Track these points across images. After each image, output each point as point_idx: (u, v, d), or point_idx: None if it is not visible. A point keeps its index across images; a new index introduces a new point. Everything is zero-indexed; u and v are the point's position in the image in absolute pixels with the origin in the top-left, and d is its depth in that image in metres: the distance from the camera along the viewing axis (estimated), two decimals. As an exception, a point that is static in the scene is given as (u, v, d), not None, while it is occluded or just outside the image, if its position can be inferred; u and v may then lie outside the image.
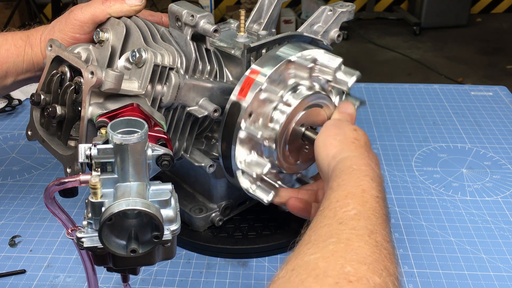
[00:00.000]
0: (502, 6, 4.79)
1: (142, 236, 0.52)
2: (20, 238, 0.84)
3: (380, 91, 1.35)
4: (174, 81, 0.66)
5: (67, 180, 0.52)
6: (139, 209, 0.48)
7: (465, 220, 0.88)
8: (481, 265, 0.78)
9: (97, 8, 0.68)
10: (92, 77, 0.58)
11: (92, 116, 0.60)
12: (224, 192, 0.82)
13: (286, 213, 0.83)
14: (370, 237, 0.50)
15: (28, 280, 0.76)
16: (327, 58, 0.71)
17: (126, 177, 0.51)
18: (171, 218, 0.52)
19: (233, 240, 0.81)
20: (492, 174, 1.01)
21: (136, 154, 0.50)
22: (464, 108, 1.26)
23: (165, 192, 0.52)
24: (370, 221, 0.52)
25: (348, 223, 0.52)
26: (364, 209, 0.54)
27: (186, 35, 0.68)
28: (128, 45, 0.67)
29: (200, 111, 0.69)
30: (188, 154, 0.75)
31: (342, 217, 0.53)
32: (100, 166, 0.52)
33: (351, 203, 0.54)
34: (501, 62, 3.75)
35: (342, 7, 0.80)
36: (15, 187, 0.97)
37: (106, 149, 0.51)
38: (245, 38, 0.79)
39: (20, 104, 1.25)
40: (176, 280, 0.76)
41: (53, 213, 0.55)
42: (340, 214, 0.53)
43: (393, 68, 3.71)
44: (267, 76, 0.68)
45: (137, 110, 0.60)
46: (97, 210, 0.50)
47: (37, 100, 0.66)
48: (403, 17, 4.47)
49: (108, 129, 0.51)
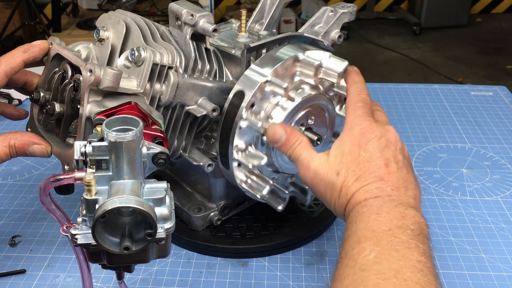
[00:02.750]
0: (502, 6, 4.79)
1: (135, 234, 0.52)
2: (20, 238, 0.84)
3: (380, 91, 1.35)
4: (173, 80, 0.66)
5: (62, 177, 0.52)
6: (133, 206, 0.48)
7: (465, 220, 0.88)
8: (481, 265, 0.78)
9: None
10: (90, 75, 0.58)
11: (90, 114, 0.60)
12: (223, 192, 0.82)
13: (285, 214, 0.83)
14: (397, 277, 0.47)
15: (28, 280, 0.76)
16: (332, 62, 0.71)
17: (121, 174, 0.51)
18: (166, 216, 0.52)
19: (231, 240, 0.81)
20: (492, 174, 1.00)
21: (131, 152, 0.50)
22: (464, 108, 1.26)
23: (159, 190, 0.52)
24: (392, 259, 0.49)
25: (371, 268, 0.49)
26: (382, 248, 0.50)
27: (186, 34, 0.68)
28: (128, 44, 0.67)
29: (198, 110, 0.69)
30: (187, 153, 0.75)
31: (363, 263, 0.50)
32: (95, 163, 0.52)
33: (367, 246, 0.51)
34: (501, 62, 3.75)
35: (344, 8, 0.80)
36: (15, 187, 0.97)
37: (100, 146, 0.51)
38: (246, 38, 0.79)
39: (20, 104, 1.24)
40: (176, 280, 0.76)
41: (48, 210, 0.55)
42: (360, 260, 0.50)
43: (393, 68, 3.71)
44: (273, 69, 0.68)
45: (135, 108, 0.60)
46: (91, 207, 0.50)
47: (36, 98, 0.66)
48: (403, 17, 4.47)
49: (103, 126, 0.51)
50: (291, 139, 0.66)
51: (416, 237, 0.52)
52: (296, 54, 0.70)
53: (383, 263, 0.49)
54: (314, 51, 0.71)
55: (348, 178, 0.60)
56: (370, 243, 0.52)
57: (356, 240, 0.53)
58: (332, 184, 0.61)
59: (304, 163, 0.64)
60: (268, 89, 0.69)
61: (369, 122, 0.62)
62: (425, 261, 0.50)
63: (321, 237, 0.84)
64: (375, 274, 0.48)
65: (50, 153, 0.67)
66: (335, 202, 0.61)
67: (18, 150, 0.66)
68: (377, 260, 0.49)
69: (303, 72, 0.71)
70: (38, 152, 0.66)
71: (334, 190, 0.60)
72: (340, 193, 0.60)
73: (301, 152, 0.64)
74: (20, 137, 0.66)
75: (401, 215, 0.55)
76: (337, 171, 0.60)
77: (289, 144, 0.66)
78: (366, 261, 0.50)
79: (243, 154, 0.71)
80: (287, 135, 0.66)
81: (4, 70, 0.66)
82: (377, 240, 0.52)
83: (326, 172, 0.61)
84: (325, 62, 0.70)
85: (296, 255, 0.80)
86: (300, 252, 0.81)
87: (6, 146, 0.65)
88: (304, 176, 0.64)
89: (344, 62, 0.69)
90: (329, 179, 0.61)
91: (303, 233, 0.82)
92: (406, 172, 0.60)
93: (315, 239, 0.84)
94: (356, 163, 0.60)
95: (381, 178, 0.59)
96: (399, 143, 0.63)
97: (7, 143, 0.65)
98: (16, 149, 0.65)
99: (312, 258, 0.80)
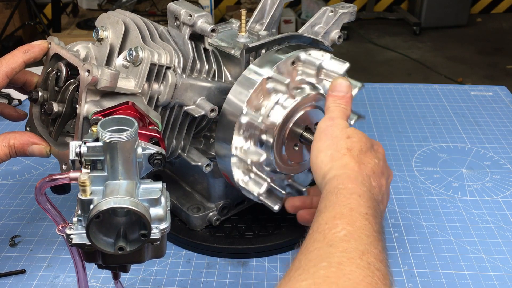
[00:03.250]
0: (502, 6, 4.79)
1: (130, 234, 0.51)
2: (20, 238, 0.84)
3: (380, 91, 1.35)
4: (171, 80, 0.66)
5: (58, 176, 0.52)
6: (127, 207, 0.48)
7: (465, 220, 0.88)
8: (481, 265, 0.78)
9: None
10: (88, 75, 0.58)
11: (88, 114, 0.60)
12: (222, 192, 0.82)
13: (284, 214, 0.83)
14: (361, 259, 0.48)
15: (28, 280, 0.76)
16: (333, 63, 0.71)
17: (116, 175, 0.51)
18: (161, 216, 0.52)
19: (230, 240, 0.81)
20: (492, 174, 1.00)
21: (126, 152, 0.50)
22: (464, 108, 1.26)
23: (155, 191, 0.52)
24: (361, 241, 0.50)
25: (339, 245, 0.50)
26: (354, 229, 0.52)
27: (184, 34, 0.68)
28: (127, 44, 0.67)
29: (197, 111, 0.69)
30: (185, 153, 0.74)
31: (332, 239, 0.51)
32: (91, 163, 0.52)
33: (339, 223, 0.52)
34: (501, 62, 3.74)
35: (344, 8, 0.80)
36: (15, 187, 0.97)
37: (95, 147, 0.51)
38: (245, 38, 0.79)
39: (20, 104, 1.25)
40: (176, 280, 0.76)
41: (44, 209, 0.55)
42: (329, 236, 0.51)
43: (393, 68, 3.71)
44: (276, 64, 0.68)
45: (133, 108, 0.60)
46: (86, 207, 0.50)
47: (35, 97, 0.66)
48: (403, 17, 4.47)
49: (98, 127, 0.51)
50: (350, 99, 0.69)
51: (383, 234, 0.55)
52: (298, 54, 0.70)
53: (351, 242, 0.50)
54: (316, 51, 0.71)
55: (355, 146, 0.63)
56: (344, 221, 0.53)
57: (331, 215, 0.54)
58: (337, 139, 0.63)
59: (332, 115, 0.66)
60: (270, 86, 0.68)
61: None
62: (387, 258, 0.52)
63: (321, 237, 0.84)
64: (341, 251, 0.49)
65: (49, 153, 0.66)
66: (325, 158, 0.63)
67: (17, 150, 0.66)
68: (346, 238, 0.50)
69: (305, 71, 0.71)
70: (37, 152, 0.66)
71: (338, 145, 0.63)
72: (338, 152, 0.62)
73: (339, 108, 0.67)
74: (20, 137, 0.66)
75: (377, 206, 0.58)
76: (349, 135, 0.64)
77: (350, 100, 0.68)
78: (335, 237, 0.51)
79: (242, 150, 0.71)
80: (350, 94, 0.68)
81: (5, 71, 0.66)
82: (352, 221, 0.53)
83: (341, 128, 0.65)
84: (326, 64, 0.70)
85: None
86: (300, 252, 0.81)
87: (6, 146, 0.65)
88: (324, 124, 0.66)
89: (345, 63, 0.69)
90: (337, 135, 0.64)
91: (303, 233, 0.82)
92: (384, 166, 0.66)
93: (315, 239, 0.83)
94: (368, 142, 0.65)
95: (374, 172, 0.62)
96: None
97: (6, 143, 0.65)
98: (16, 149, 0.65)
99: (312, 258, 0.80)
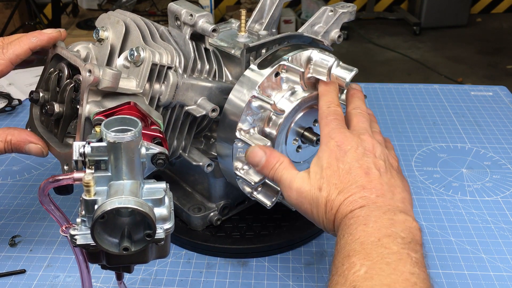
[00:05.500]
0: (502, 6, 4.79)
1: (135, 235, 0.52)
2: (20, 238, 0.84)
3: (380, 91, 1.35)
4: (172, 80, 0.66)
5: (61, 177, 0.52)
6: (131, 207, 0.48)
7: (465, 220, 0.88)
8: (481, 265, 0.78)
9: None
10: (89, 75, 0.58)
11: (90, 114, 0.60)
12: (222, 192, 0.82)
13: (284, 214, 0.83)
14: None
15: (28, 280, 0.76)
16: (320, 57, 0.70)
17: (120, 175, 0.51)
18: (165, 216, 0.52)
19: (231, 240, 0.81)
20: (492, 174, 1.00)
21: (130, 152, 0.50)
22: (464, 108, 1.26)
23: (159, 191, 0.52)
24: (384, 273, 0.48)
25: (363, 285, 0.47)
26: (373, 262, 0.49)
27: (185, 34, 0.68)
28: (128, 44, 0.67)
29: (198, 111, 0.69)
30: (186, 153, 0.75)
31: (354, 280, 0.48)
32: (94, 164, 0.52)
33: (356, 261, 0.50)
34: (501, 62, 3.75)
35: (343, 8, 0.80)
36: (15, 187, 0.97)
37: (99, 147, 0.51)
38: (245, 38, 0.79)
39: (20, 104, 1.25)
40: (176, 280, 0.76)
41: (47, 210, 0.55)
42: (351, 277, 0.49)
43: (393, 68, 3.71)
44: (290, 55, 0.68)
45: (134, 108, 0.60)
46: (90, 207, 0.50)
47: (35, 98, 0.66)
48: (403, 17, 4.47)
49: (101, 127, 0.51)
50: (271, 160, 0.64)
51: (407, 245, 0.51)
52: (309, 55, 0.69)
53: (374, 279, 0.47)
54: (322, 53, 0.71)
55: (331, 192, 0.58)
56: (360, 257, 0.50)
57: (345, 254, 0.51)
58: (316, 201, 0.59)
59: (286, 183, 0.62)
60: (284, 75, 0.68)
61: (343, 135, 0.62)
62: (418, 272, 0.49)
63: (321, 237, 0.84)
64: None
65: (46, 153, 0.66)
66: (322, 218, 0.60)
67: (14, 146, 0.65)
68: (368, 275, 0.48)
69: (316, 69, 0.70)
70: (34, 151, 0.66)
71: (319, 206, 0.59)
72: (325, 208, 0.59)
73: (283, 173, 0.63)
74: (18, 134, 0.66)
75: (389, 222, 0.53)
76: (319, 186, 0.59)
77: (270, 166, 0.64)
78: (357, 277, 0.48)
79: (247, 135, 0.69)
80: (267, 156, 0.65)
81: (9, 58, 0.66)
82: (367, 253, 0.50)
83: (308, 189, 0.60)
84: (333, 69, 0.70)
85: (296, 255, 0.80)
86: (300, 252, 0.81)
87: (2, 141, 0.65)
88: (289, 197, 0.62)
89: (353, 70, 0.68)
90: (312, 196, 0.59)
91: (303, 233, 0.82)
92: (390, 176, 0.59)
93: (315, 239, 0.83)
94: (336, 176, 0.59)
95: (364, 187, 0.57)
96: (378, 149, 0.61)
97: (3, 138, 0.65)
98: (12, 145, 0.65)
99: (312, 258, 0.80)
